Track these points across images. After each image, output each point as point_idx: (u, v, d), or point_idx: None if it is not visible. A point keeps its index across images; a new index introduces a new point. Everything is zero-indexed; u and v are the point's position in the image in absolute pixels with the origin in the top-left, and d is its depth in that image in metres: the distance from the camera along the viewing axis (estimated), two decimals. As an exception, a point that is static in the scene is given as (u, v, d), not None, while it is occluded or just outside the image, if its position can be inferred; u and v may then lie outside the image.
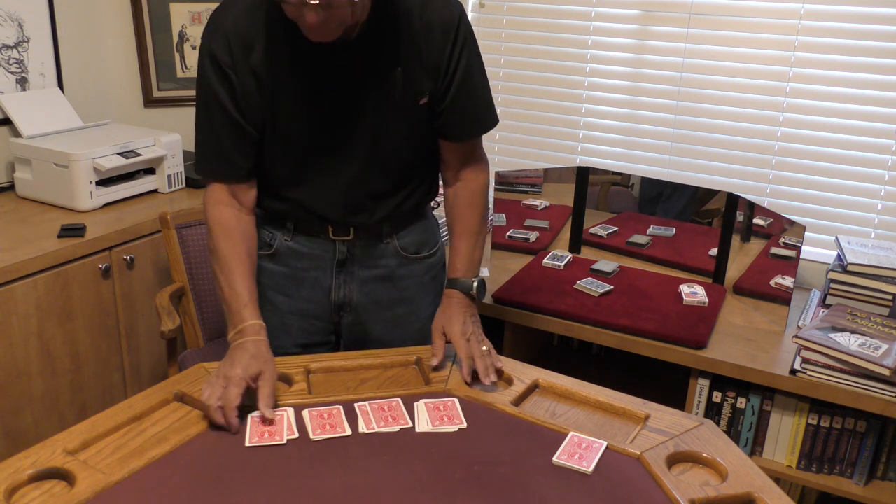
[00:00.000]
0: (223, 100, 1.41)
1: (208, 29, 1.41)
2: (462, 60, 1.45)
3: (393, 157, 1.51)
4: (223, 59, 1.38)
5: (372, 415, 1.32)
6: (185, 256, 2.24)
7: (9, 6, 2.47)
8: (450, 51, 1.43)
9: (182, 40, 2.90)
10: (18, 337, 2.04)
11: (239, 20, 1.38)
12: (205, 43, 1.41)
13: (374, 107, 1.44)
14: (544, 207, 2.55)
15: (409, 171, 1.55)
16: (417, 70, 1.43)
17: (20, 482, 1.12)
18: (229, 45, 1.38)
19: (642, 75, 2.59)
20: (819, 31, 2.30)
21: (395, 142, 1.49)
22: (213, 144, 1.47)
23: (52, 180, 2.34)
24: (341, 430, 1.27)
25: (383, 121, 1.46)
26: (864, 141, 2.31)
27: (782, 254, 2.14)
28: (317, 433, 1.26)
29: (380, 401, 1.36)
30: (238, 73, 1.39)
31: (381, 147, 1.48)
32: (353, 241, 1.57)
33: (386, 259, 1.60)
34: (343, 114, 1.44)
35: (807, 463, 2.01)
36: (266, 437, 1.24)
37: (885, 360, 1.80)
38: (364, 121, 1.45)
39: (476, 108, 1.52)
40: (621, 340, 2.07)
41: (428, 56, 1.42)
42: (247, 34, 1.37)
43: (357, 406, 1.34)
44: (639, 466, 1.23)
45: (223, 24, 1.38)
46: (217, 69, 1.39)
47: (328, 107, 1.43)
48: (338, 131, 1.45)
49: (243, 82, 1.40)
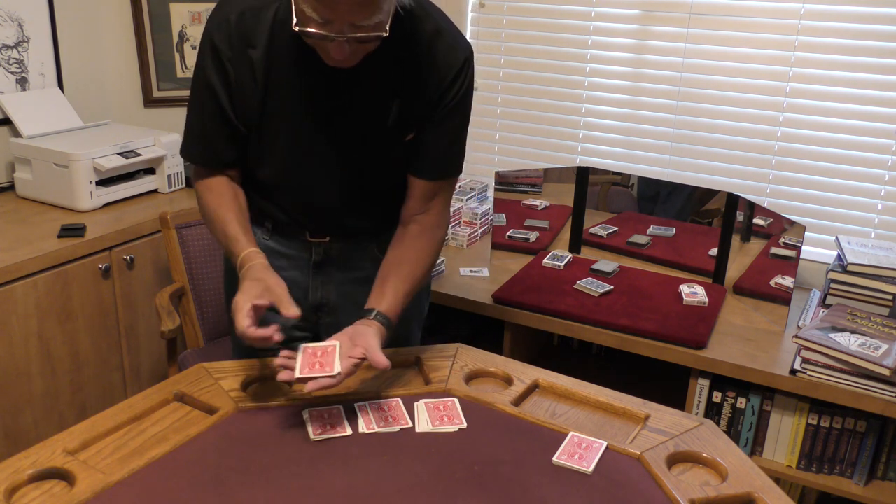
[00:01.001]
0: (217, 90, 1.40)
1: (214, 17, 1.39)
2: (454, 103, 1.43)
3: (372, 180, 1.50)
4: (223, 50, 1.37)
5: (372, 415, 1.32)
6: (185, 256, 2.24)
7: (9, 6, 2.47)
8: (447, 92, 1.41)
9: (182, 40, 2.90)
10: (18, 337, 2.04)
11: (246, 15, 1.36)
12: (208, 30, 1.39)
13: (362, 130, 1.43)
14: (544, 207, 2.55)
15: (387, 194, 1.53)
16: (413, 105, 1.41)
17: (20, 482, 1.12)
18: (231, 38, 1.36)
19: (642, 75, 2.59)
20: (819, 31, 2.30)
21: (375, 167, 1.48)
22: (200, 131, 1.46)
23: (52, 180, 2.34)
24: (342, 430, 1.27)
25: (368, 146, 1.44)
26: (864, 141, 2.31)
27: (782, 254, 2.14)
28: (317, 433, 1.26)
29: (380, 401, 1.36)
30: (236, 68, 1.38)
31: (361, 169, 1.47)
32: (330, 245, 1.56)
33: (364, 262, 1.58)
34: (331, 130, 1.43)
35: (807, 463, 2.01)
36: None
37: (885, 360, 1.80)
38: (349, 141, 1.44)
39: (446, 151, 1.48)
40: (621, 340, 2.07)
41: (426, 93, 1.41)
42: (251, 31, 1.36)
43: (357, 406, 1.34)
44: (639, 466, 1.23)
45: (229, 15, 1.37)
46: (216, 59, 1.38)
47: (318, 119, 1.42)
48: (323, 145, 1.44)
49: (240, 77, 1.38)
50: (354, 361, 1.29)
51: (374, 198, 1.53)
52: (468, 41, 1.45)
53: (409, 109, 1.41)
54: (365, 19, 1.20)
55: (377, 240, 1.57)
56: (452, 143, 1.49)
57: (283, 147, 1.45)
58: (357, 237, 1.57)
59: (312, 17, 1.20)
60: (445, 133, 1.46)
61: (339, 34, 1.21)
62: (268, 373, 1.44)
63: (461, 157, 1.53)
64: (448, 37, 1.40)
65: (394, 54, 1.35)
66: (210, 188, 1.48)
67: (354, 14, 1.19)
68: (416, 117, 1.43)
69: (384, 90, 1.40)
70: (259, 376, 1.44)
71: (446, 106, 1.43)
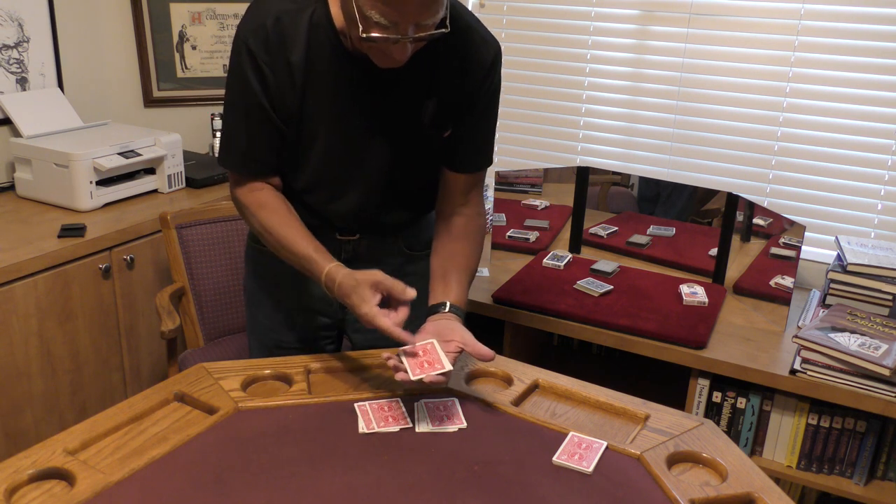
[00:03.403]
0: (258, 95, 1.38)
1: (248, 22, 1.37)
2: (488, 98, 1.47)
3: (408, 178, 1.52)
4: (261, 55, 1.35)
5: (372, 415, 1.32)
6: (185, 256, 2.24)
7: (9, 6, 2.47)
8: (480, 87, 1.44)
9: (182, 40, 2.90)
10: (18, 337, 2.04)
11: (283, 19, 1.35)
12: (242, 36, 1.37)
13: (399, 131, 1.44)
14: (544, 207, 2.55)
15: (421, 191, 1.57)
16: (448, 102, 1.43)
17: (20, 482, 1.12)
18: (268, 42, 1.35)
19: (642, 75, 2.59)
20: (819, 31, 2.30)
21: (412, 166, 1.50)
22: (244, 139, 1.43)
23: (52, 180, 2.34)
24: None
25: (406, 146, 1.46)
26: (864, 141, 2.31)
27: (782, 254, 2.14)
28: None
29: (380, 401, 1.36)
30: (274, 72, 1.36)
31: (397, 169, 1.49)
32: (359, 242, 1.57)
33: (392, 257, 1.60)
34: (369, 131, 1.43)
35: (807, 463, 2.01)
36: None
37: (885, 360, 1.80)
38: (387, 141, 1.45)
39: (483, 144, 1.53)
40: (621, 340, 2.07)
41: (460, 90, 1.43)
42: (288, 34, 1.35)
43: (357, 406, 1.34)
44: (639, 466, 1.23)
45: (265, 20, 1.35)
46: (253, 64, 1.36)
47: (356, 121, 1.42)
48: (361, 146, 1.45)
49: (278, 81, 1.37)
50: (454, 355, 1.33)
51: (407, 194, 1.55)
52: (494, 36, 1.47)
53: (445, 107, 1.43)
54: (430, 17, 1.22)
55: (404, 234, 1.60)
56: (487, 136, 1.53)
57: (321, 150, 1.44)
58: (385, 233, 1.59)
59: (380, 21, 1.20)
60: (481, 127, 1.50)
61: (405, 35, 1.22)
62: (268, 373, 1.44)
63: (493, 147, 1.56)
64: (477, 33, 1.42)
65: (429, 52, 1.36)
66: (263, 205, 1.45)
67: (422, 14, 1.20)
68: (451, 114, 1.45)
69: (420, 89, 1.41)
70: (259, 376, 1.44)
71: (480, 101, 1.45)
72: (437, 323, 1.39)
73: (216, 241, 2.28)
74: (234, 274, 2.30)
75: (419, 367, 1.28)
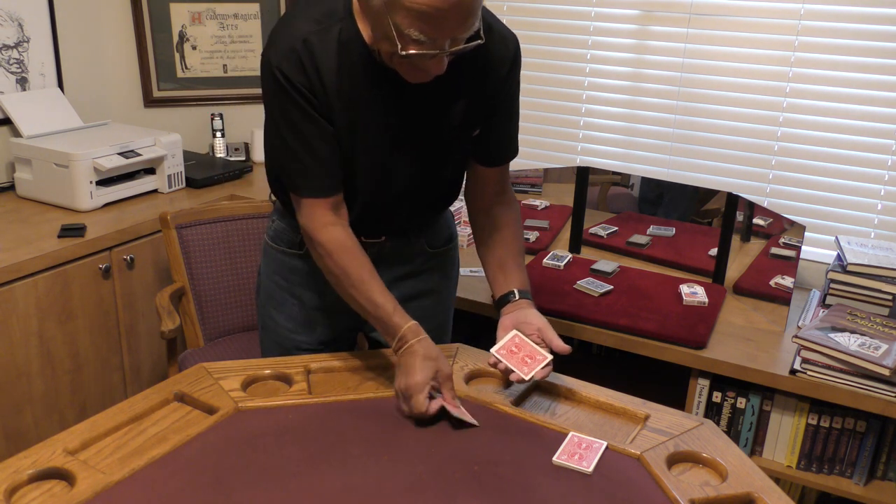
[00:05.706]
0: (310, 115, 1.37)
1: (276, 49, 1.34)
2: (512, 92, 1.49)
3: (437, 181, 1.54)
4: (296, 77, 1.34)
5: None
6: (185, 256, 2.24)
7: (9, 6, 2.47)
8: (505, 84, 1.46)
9: (182, 40, 2.90)
10: (18, 337, 2.04)
11: (310, 38, 1.33)
12: (274, 62, 1.34)
13: (431, 136, 1.45)
14: (544, 207, 2.55)
15: (448, 191, 1.60)
16: (476, 103, 1.45)
17: (20, 482, 1.12)
18: (303, 64, 1.33)
19: (642, 75, 2.59)
20: (819, 31, 2.30)
21: (443, 167, 1.52)
22: (311, 162, 1.40)
23: (52, 180, 2.35)
24: (541, 357, 1.37)
25: (437, 149, 1.48)
26: (864, 141, 2.31)
27: (782, 254, 2.14)
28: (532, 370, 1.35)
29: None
30: (313, 92, 1.36)
31: (428, 173, 1.51)
32: (384, 243, 1.58)
33: (413, 257, 1.63)
34: (404, 140, 1.44)
35: (807, 463, 2.01)
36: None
37: (885, 360, 1.80)
38: (418, 147, 1.46)
39: (510, 136, 1.55)
40: (621, 340, 2.07)
41: (486, 89, 1.44)
42: (319, 54, 1.33)
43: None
44: (639, 466, 1.23)
45: (293, 44, 1.33)
46: (294, 90, 1.34)
47: (391, 132, 1.43)
48: (396, 156, 1.45)
49: (319, 100, 1.37)
50: (543, 344, 1.41)
51: (435, 196, 1.58)
52: (510, 29, 1.48)
53: (473, 107, 1.45)
54: (467, 31, 1.23)
55: (426, 233, 1.63)
56: (514, 127, 1.56)
57: (357, 163, 1.44)
58: (409, 234, 1.61)
59: (418, 38, 1.20)
60: (507, 121, 1.53)
61: (443, 50, 1.23)
62: (268, 373, 1.44)
63: (517, 140, 1.59)
64: (497, 32, 1.43)
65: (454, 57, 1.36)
66: (341, 245, 1.42)
67: (460, 28, 1.21)
68: (480, 113, 1.47)
69: (449, 93, 1.42)
70: (259, 376, 1.44)
71: (507, 95, 1.48)
72: (513, 315, 1.45)
73: (216, 241, 2.28)
74: (234, 274, 2.30)
75: (524, 364, 1.35)
